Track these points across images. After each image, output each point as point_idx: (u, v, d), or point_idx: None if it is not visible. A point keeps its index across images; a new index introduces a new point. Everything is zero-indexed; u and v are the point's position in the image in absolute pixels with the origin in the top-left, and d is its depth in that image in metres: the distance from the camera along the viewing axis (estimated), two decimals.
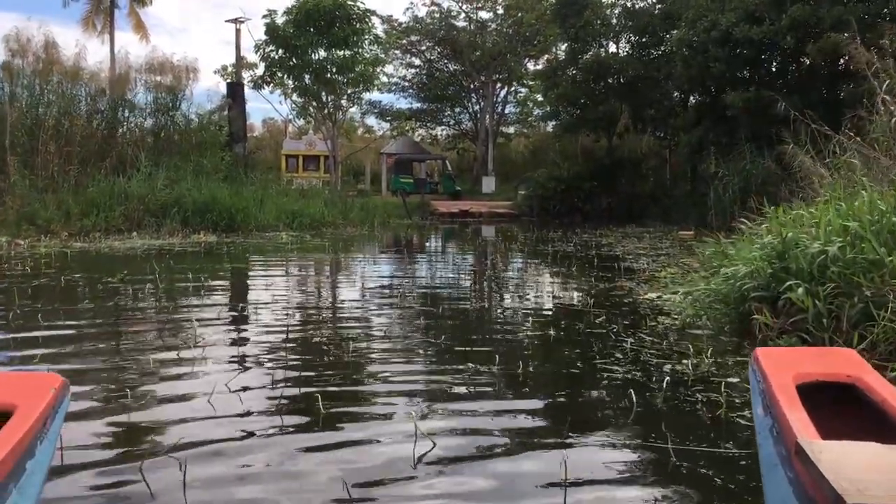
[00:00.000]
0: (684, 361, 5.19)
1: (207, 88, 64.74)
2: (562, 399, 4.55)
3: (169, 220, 17.62)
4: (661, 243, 16.14)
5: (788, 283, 5.69)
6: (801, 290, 5.53)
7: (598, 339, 6.08)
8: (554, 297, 8.60)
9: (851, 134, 12.28)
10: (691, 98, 27.30)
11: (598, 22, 27.52)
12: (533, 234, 19.50)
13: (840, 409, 2.62)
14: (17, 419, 2.19)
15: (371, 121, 50.29)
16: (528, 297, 8.83)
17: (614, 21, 28.50)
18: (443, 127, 50.17)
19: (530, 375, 4.96)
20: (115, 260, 12.13)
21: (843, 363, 2.75)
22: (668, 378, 4.70)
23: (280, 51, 27.38)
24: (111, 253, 13.13)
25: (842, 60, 20.38)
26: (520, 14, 39.06)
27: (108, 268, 10.64)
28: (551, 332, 6.32)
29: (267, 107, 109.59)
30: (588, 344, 5.95)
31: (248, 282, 10.34)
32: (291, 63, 27.23)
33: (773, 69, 22.20)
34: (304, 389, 4.47)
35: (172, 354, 5.38)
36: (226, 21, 32.85)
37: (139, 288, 8.57)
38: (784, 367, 2.63)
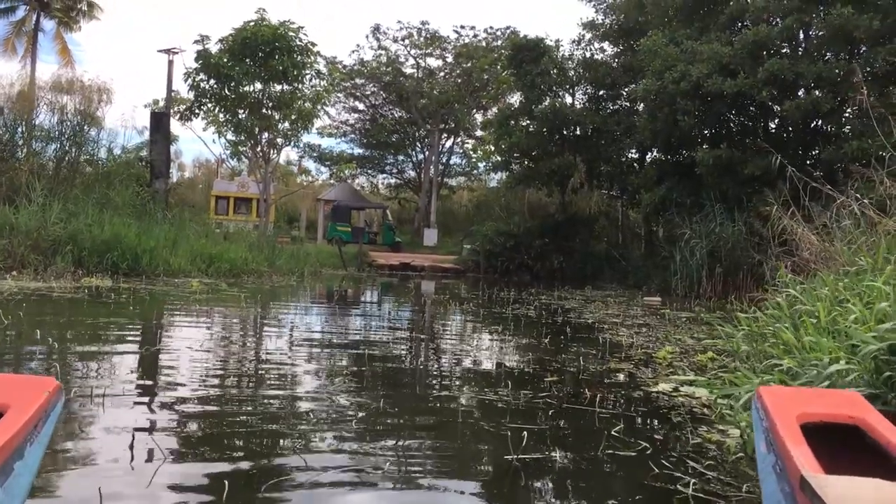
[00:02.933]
0: None
1: (122, 113, 60.69)
2: None
3: (59, 259, 14.91)
4: (630, 310, 14.15)
5: None
6: None
7: (634, 475, 3.87)
8: (536, 383, 6.36)
9: (858, 196, 10.65)
10: (650, 154, 25.95)
11: (555, 70, 26.04)
12: (483, 293, 17.33)
13: (843, 450, 2.56)
14: (7, 420, 2.13)
15: (310, 165, 47.97)
16: (500, 383, 6.55)
17: (571, 73, 27.09)
18: (384, 175, 48.23)
19: None
20: None
21: (847, 404, 2.72)
22: None
23: (211, 80, 25.01)
24: None
25: (819, 121, 19.16)
26: (470, 63, 37.68)
27: None
28: (554, 452, 4.09)
29: (202, 147, 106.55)
30: (622, 485, 3.74)
31: (120, 343, 7.82)
32: (224, 93, 24.86)
33: (746, 126, 20.86)
34: None
35: None
36: (158, 51, 30.28)
37: None
38: (788, 406, 2.59)
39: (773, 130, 20.78)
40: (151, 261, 15.99)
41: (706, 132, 20.96)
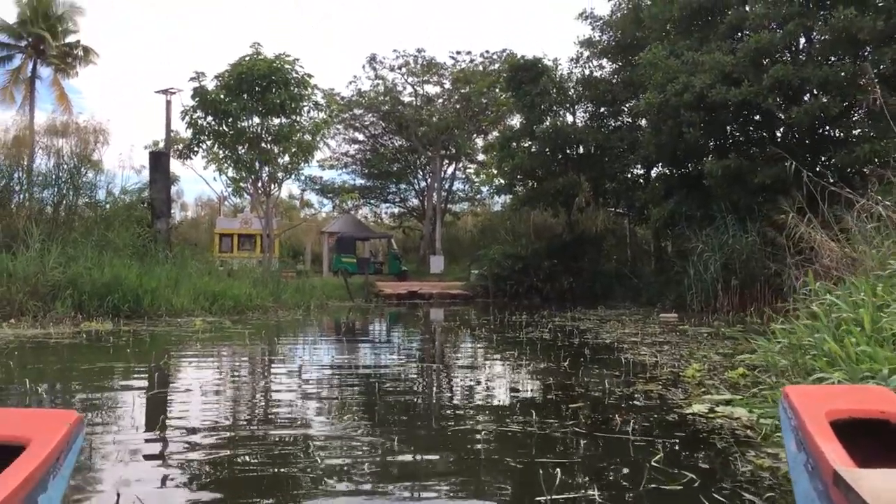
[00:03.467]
0: None
1: (119, 153, 61.56)
2: None
3: (59, 305, 14.53)
4: (648, 328, 13.68)
5: None
6: None
7: None
8: (561, 410, 5.91)
9: (879, 198, 10.35)
10: (655, 169, 25.59)
11: (554, 90, 25.77)
12: (494, 317, 16.87)
13: (875, 446, 2.51)
14: (30, 453, 2.17)
15: (313, 198, 47.82)
16: (522, 412, 6.09)
17: (571, 91, 26.84)
18: (388, 204, 47.97)
19: None
20: None
21: (877, 399, 2.67)
22: None
23: (209, 117, 24.82)
24: None
25: (827, 126, 18.76)
26: (468, 88, 37.53)
27: None
28: (592, 490, 3.65)
29: (204, 187, 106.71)
30: None
31: (114, 389, 7.39)
32: (221, 129, 24.66)
33: (753, 135, 20.48)
34: None
35: None
36: (155, 92, 30.16)
37: None
38: (816, 403, 2.56)
39: (780, 138, 20.39)
40: (153, 301, 15.61)
41: (712, 143, 20.57)
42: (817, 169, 19.47)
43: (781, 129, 20.33)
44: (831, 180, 18.16)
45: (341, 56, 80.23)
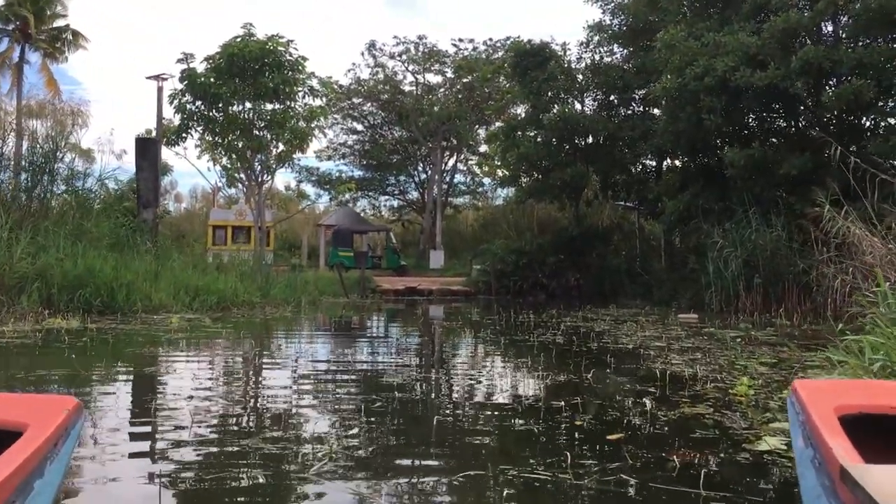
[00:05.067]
0: None
1: (98, 137, 60.45)
2: None
3: (25, 299, 13.26)
4: (670, 331, 12.40)
5: None
6: None
7: None
8: (598, 446, 4.63)
9: None
10: (667, 161, 24.33)
11: (562, 76, 24.45)
12: (500, 317, 15.58)
13: (884, 442, 2.44)
14: (27, 439, 2.13)
15: (309, 190, 46.43)
16: (551, 449, 4.81)
17: (580, 78, 25.53)
18: (386, 197, 46.62)
19: None
20: None
21: (887, 394, 2.58)
22: None
23: (198, 102, 23.48)
24: None
25: (859, 112, 17.46)
26: (470, 77, 36.23)
27: None
28: None
29: (200, 179, 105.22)
30: None
31: None
32: (212, 115, 23.33)
33: (774, 124, 19.19)
34: None
35: None
36: (147, 78, 28.80)
37: None
38: (825, 398, 2.49)
39: (804, 126, 19.09)
40: (129, 296, 14.31)
41: (733, 131, 19.25)
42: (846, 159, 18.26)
43: (803, 118, 19.07)
44: (879, 165, 16.99)
45: (341, 45, 78.74)
